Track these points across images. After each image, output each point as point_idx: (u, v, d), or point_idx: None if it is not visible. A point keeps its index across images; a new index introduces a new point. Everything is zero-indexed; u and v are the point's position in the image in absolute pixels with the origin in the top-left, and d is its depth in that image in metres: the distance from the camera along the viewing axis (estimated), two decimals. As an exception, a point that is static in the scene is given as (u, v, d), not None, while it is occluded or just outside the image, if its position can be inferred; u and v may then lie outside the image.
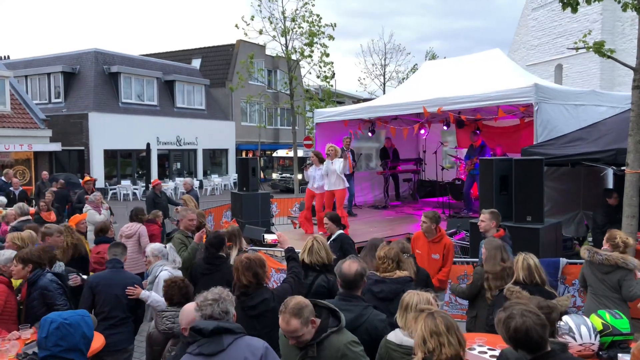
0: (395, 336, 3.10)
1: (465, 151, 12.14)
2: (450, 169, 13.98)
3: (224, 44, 33.41)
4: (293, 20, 18.92)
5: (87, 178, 12.56)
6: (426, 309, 2.62)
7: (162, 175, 27.00)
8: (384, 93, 32.10)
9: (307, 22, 18.80)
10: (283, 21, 19.05)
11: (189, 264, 5.63)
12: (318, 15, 18.82)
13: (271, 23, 18.99)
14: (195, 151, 29.48)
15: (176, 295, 3.73)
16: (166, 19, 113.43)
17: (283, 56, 19.61)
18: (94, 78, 25.29)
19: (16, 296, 4.49)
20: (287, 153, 26.97)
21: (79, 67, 25.88)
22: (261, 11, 18.91)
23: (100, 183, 21.46)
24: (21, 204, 8.08)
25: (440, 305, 3.38)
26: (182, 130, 28.12)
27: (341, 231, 5.94)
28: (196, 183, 22.55)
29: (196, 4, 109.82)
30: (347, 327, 3.07)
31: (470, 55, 12.15)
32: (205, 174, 29.72)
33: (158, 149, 26.74)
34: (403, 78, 33.25)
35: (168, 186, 23.31)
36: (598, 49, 6.00)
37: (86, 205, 9.55)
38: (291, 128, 20.59)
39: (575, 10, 5.95)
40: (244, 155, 31.47)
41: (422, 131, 13.67)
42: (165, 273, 4.79)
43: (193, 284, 4.63)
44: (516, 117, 11.08)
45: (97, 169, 23.46)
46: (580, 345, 3.29)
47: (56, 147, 21.17)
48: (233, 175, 29.15)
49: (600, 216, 7.79)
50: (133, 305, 4.56)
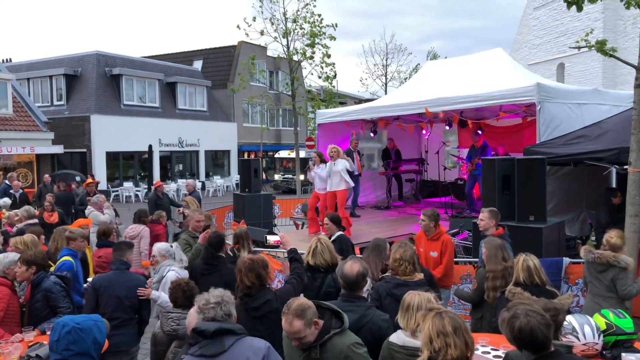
0: (397, 337, 3.08)
1: (467, 151, 12.11)
2: (452, 169, 13.96)
3: (226, 46, 33.45)
4: (294, 21, 18.93)
5: (89, 180, 12.60)
6: (436, 309, 2.61)
7: (165, 177, 27.04)
8: (386, 93, 32.07)
9: (309, 23, 18.80)
10: (284, 22, 19.07)
11: (192, 264, 5.65)
12: (319, 15, 18.83)
13: (272, 24, 19.03)
14: (197, 153, 29.51)
15: (180, 297, 3.74)
16: (167, 21, 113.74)
17: (284, 57, 19.62)
18: (96, 80, 25.35)
19: (19, 298, 4.50)
20: (289, 154, 26.96)
21: (81, 70, 25.94)
22: (262, 12, 18.97)
23: (102, 185, 21.49)
24: (28, 207, 8.07)
25: (441, 304, 3.37)
26: (184, 131, 28.16)
27: (341, 232, 5.92)
28: (198, 184, 22.55)
29: (197, 6, 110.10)
30: (351, 328, 3.06)
31: (472, 55, 12.13)
32: (207, 176, 29.74)
33: (160, 151, 26.78)
34: (405, 78, 33.22)
35: (170, 188, 23.33)
36: (600, 48, 5.97)
37: (89, 207, 9.59)
38: (293, 129, 20.60)
39: (580, 8, 5.88)
40: (246, 156, 31.51)
41: (424, 131, 13.66)
42: (172, 273, 4.80)
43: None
44: (519, 117, 11.05)
45: (100, 171, 23.51)
46: (583, 345, 3.28)
47: (58, 150, 21.20)
48: (235, 176, 29.20)
49: (604, 215, 7.76)
50: (137, 306, 4.53)
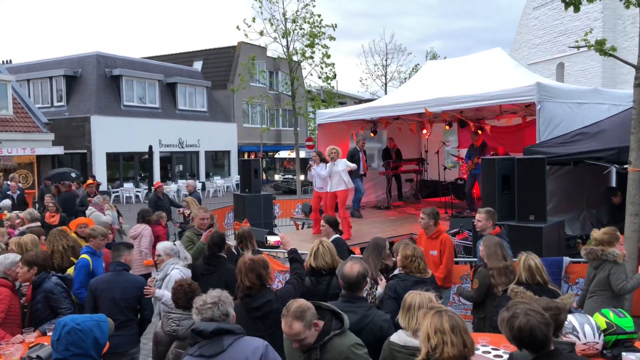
0: (398, 337, 3.08)
1: (466, 151, 12.11)
2: (452, 169, 13.96)
3: (225, 46, 33.47)
4: (294, 21, 18.93)
5: (89, 181, 12.60)
6: (436, 307, 2.61)
7: (165, 177, 27.05)
8: (386, 93, 32.08)
9: (308, 23, 18.80)
10: (284, 22, 19.06)
11: (193, 263, 5.65)
12: (319, 15, 18.83)
13: (272, 24, 19.02)
14: (197, 153, 29.52)
15: (182, 298, 3.73)
16: (167, 22, 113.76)
17: (284, 57, 19.61)
18: (96, 81, 25.36)
19: (20, 299, 4.50)
20: (290, 154, 26.97)
21: (81, 71, 25.95)
22: (262, 13, 18.95)
23: (102, 186, 21.48)
24: (31, 210, 8.03)
25: (441, 304, 3.38)
26: (184, 132, 28.18)
27: (338, 236, 5.84)
28: (198, 185, 22.55)
29: (197, 7, 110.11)
30: (352, 329, 3.06)
31: (471, 54, 12.13)
32: (207, 176, 29.75)
33: (160, 152, 26.80)
34: (405, 78, 33.22)
35: (170, 188, 23.33)
36: (599, 48, 5.96)
37: (90, 207, 9.59)
38: (293, 129, 20.59)
39: (577, 9, 5.90)
40: (246, 156, 31.51)
41: (424, 131, 13.66)
42: (176, 272, 4.80)
43: None
44: (518, 116, 11.05)
45: (100, 172, 23.52)
46: (584, 344, 3.28)
47: (59, 151, 21.20)
48: (235, 177, 29.20)
49: (604, 215, 7.76)
50: (136, 307, 4.50)
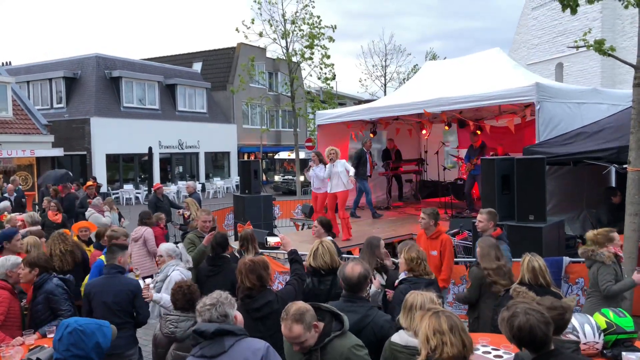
0: (399, 337, 3.08)
1: (465, 151, 12.12)
2: (452, 169, 13.96)
3: (225, 47, 33.49)
4: (293, 22, 18.93)
5: (89, 183, 12.62)
6: (433, 308, 2.62)
7: (165, 179, 27.05)
8: (385, 94, 32.10)
9: (307, 24, 18.81)
10: (283, 24, 19.07)
11: (195, 265, 5.64)
12: (318, 17, 18.84)
13: (271, 26, 19.02)
14: (197, 154, 29.52)
15: (180, 300, 3.73)
16: (166, 24, 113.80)
17: (284, 58, 19.62)
18: (96, 83, 25.37)
19: (20, 301, 4.50)
20: (289, 155, 26.97)
21: (81, 72, 25.96)
22: (261, 14, 18.95)
23: (102, 187, 21.49)
24: (32, 213, 7.99)
25: (442, 304, 3.39)
26: (184, 133, 28.18)
27: (330, 238, 5.73)
28: (198, 186, 22.53)
29: (196, 8, 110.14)
30: (353, 328, 3.07)
31: (470, 55, 12.14)
32: (207, 177, 29.75)
33: (160, 153, 26.79)
34: (404, 79, 33.28)
35: (170, 190, 23.32)
36: (598, 48, 5.97)
37: (89, 209, 9.60)
38: (293, 130, 20.60)
39: (574, 11, 5.92)
40: (246, 157, 31.50)
41: (424, 131, 13.67)
42: (176, 273, 4.80)
43: (199, 288, 4.62)
44: (518, 116, 11.05)
45: (100, 174, 23.50)
46: (584, 344, 3.28)
47: (58, 153, 21.21)
48: (235, 178, 29.20)
49: (604, 215, 7.77)
50: (130, 310, 4.44)
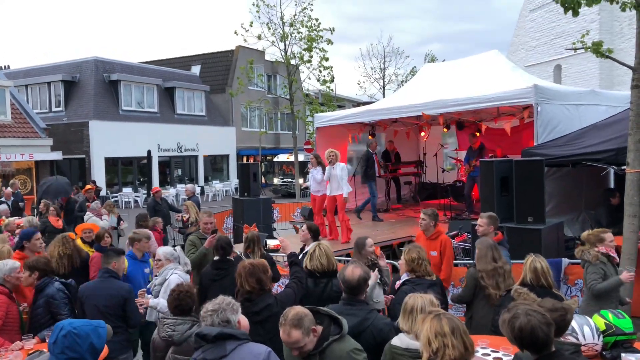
0: (400, 341, 3.08)
1: (464, 153, 12.13)
2: (450, 171, 13.98)
3: (224, 50, 33.50)
4: (292, 25, 18.95)
5: (88, 187, 12.62)
6: (435, 311, 2.63)
7: (164, 182, 27.03)
8: (384, 96, 32.15)
9: (306, 27, 18.83)
10: (282, 26, 19.09)
11: (196, 267, 5.62)
12: (317, 19, 18.85)
13: (270, 29, 19.04)
14: (196, 157, 29.52)
15: (178, 304, 3.72)
16: (165, 27, 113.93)
17: (282, 61, 19.62)
18: (94, 86, 25.37)
19: (19, 305, 4.49)
20: (288, 158, 26.97)
21: (79, 76, 25.96)
22: (260, 17, 18.96)
23: (101, 191, 21.48)
24: (30, 218, 8.00)
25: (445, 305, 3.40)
26: (183, 136, 28.17)
27: (317, 243, 5.80)
28: (197, 189, 22.52)
29: (195, 12, 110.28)
30: (353, 332, 3.07)
31: (469, 57, 12.17)
32: (206, 180, 29.74)
33: (159, 156, 26.78)
34: (402, 81, 33.34)
35: (169, 193, 23.31)
36: (596, 50, 5.98)
37: (87, 212, 9.60)
38: (292, 133, 20.60)
39: (576, 13, 5.84)
40: (245, 160, 31.52)
41: (422, 134, 13.69)
42: (175, 277, 4.78)
43: (204, 293, 4.58)
44: (516, 118, 11.06)
45: (99, 177, 23.48)
46: (583, 345, 3.28)
47: (57, 156, 21.19)
48: (234, 180, 29.18)
49: (604, 216, 7.78)
50: (121, 314, 4.41)
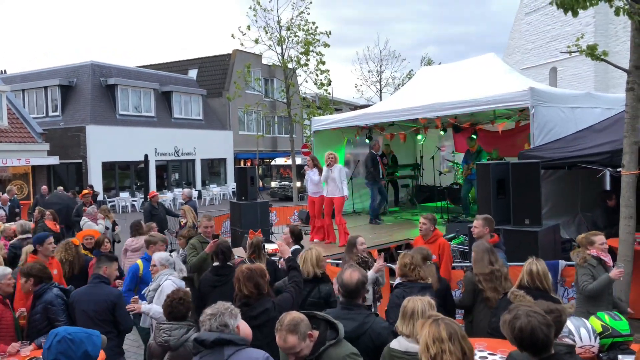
0: (399, 344, 3.09)
1: (462, 156, 12.17)
2: (447, 174, 14.00)
3: (220, 54, 33.56)
4: (288, 29, 18.99)
5: (85, 191, 12.59)
6: (433, 316, 2.64)
7: (161, 186, 26.99)
8: (381, 99, 32.22)
9: (303, 31, 18.88)
10: (279, 30, 19.13)
11: (196, 270, 5.60)
12: (313, 23, 18.91)
13: (267, 32, 19.08)
14: (193, 161, 29.50)
15: (173, 310, 3.72)
16: (162, 31, 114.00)
17: (279, 65, 19.66)
18: (91, 91, 25.35)
19: (13, 312, 4.48)
20: (286, 161, 26.98)
21: (76, 80, 25.94)
22: (257, 21, 19.00)
23: (99, 196, 21.43)
24: (23, 222, 7.96)
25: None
26: (180, 140, 28.16)
27: (297, 247, 5.73)
28: (195, 193, 22.53)
29: (192, 16, 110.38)
30: (351, 336, 3.07)
31: (465, 60, 12.20)
32: (203, 184, 29.71)
33: (156, 160, 26.75)
34: (399, 84, 33.43)
35: (167, 197, 23.29)
36: (591, 53, 6.00)
37: (83, 217, 9.59)
38: (289, 136, 20.61)
39: (576, 13, 5.77)
40: (242, 164, 31.49)
41: (419, 136, 13.72)
42: (168, 283, 4.77)
43: (203, 299, 4.56)
44: (512, 121, 11.11)
45: (96, 182, 23.42)
46: (580, 347, 3.29)
47: (54, 161, 21.16)
48: (232, 184, 29.17)
49: (600, 218, 7.81)
50: (111, 320, 4.41)
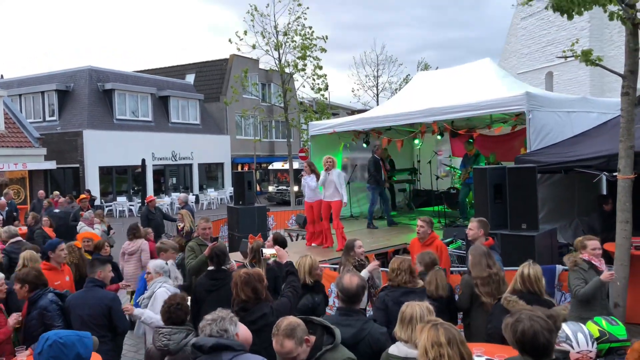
0: (398, 350, 3.09)
1: (460, 160, 12.20)
2: (445, 178, 14.03)
3: (218, 59, 33.57)
4: (285, 34, 19.05)
5: (83, 196, 12.59)
6: (432, 321, 2.64)
7: (158, 190, 26.93)
8: (378, 104, 32.29)
9: (300, 36, 18.94)
10: (275, 35, 19.19)
11: (194, 273, 5.58)
12: (310, 28, 18.98)
13: (264, 37, 19.13)
14: (190, 166, 29.47)
15: (172, 315, 3.72)
16: (159, 36, 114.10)
17: (276, 70, 19.70)
18: (88, 95, 25.33)
19: (6, 315, 4.46)
20: (283, 165, 26.99)
21: (73, 85, 25.91)
22: (254, 26, 19.06)
23: (96, 200, 21.36)
24: (7, 228, 7.78)
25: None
26: (178, 145, 28.14)
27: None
28: (192, 198, 22.50)
29: (189, 20, 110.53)
30: (349, 342, 3.08)
31: (461, 65, 12.25)
32: (201, 189, 29.67)
33: (153, 165, 26.71)
34: (396, 89, 33.52)
35: (164, 202, 23.23)
36: (586, 58, 6.03)
37: (80, 222, 9.58)
38: (286, 140, 20.63)
39: (571, 17, 5.81)
40: (240, 168, 31.49)
41: (416, 141, 13.74)
42: (162, 290, 4.74)
43: (198, 304, 4.55)
44: (509, 125, 11.14)
45: (93, 186, 23.36)
46: (577, 353, 3.29)
47: (51, 165, 21.10)
48: (229, 189, 29.14)
49: (597, 222, 7.84)
50: (106, 324, 4.40)
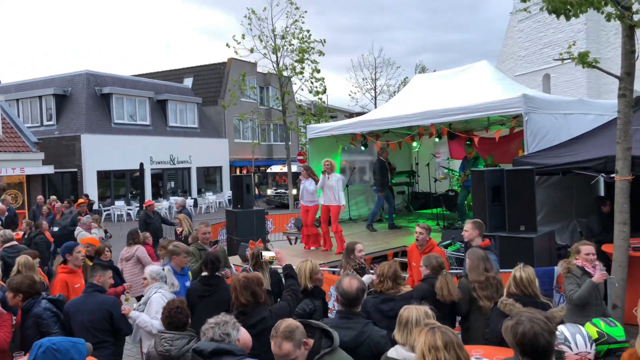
0: (397, 353, 3.08)
1: (459, 162, 12.22)
2: (443, 180, 14.04)
3: (216, 63, 33.61)
4: (283, 37, 19.08)
5: (81, 200, 12.59)
6: (430, 324, 2.65)
7: (157, 194, 26.91)
8: (376, 107, 32.33)
9: (297, 39, 18.97)
10: (273, 39, 19.21)
11: (195, 278, 5.60)
12: (308, 31, 19.01)
13: (261, 41, 19.15)
14: (189, 169, 29.45)
15: (173, 319, 3.71)
16: (157, 39, 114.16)
17: (274, 73, 19.72)
18: (86, 100, 25.32)
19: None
20: (281, 169, 26.99)
21: (71, 89, 25.91)
22: (251, 29, 19.08)
23: (94, 205, 21.33)
24: (1, 232, 7.77)
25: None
26: (176, 149, 28.14)
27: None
28: (190, 201, 22.46)
29: (187, 23, 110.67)
30: (349, 345, 3.07)
31: (458, 68, 12.27)
32: (199, 192, 29.65)
33: (151, 169, 26.70)
34: (394, 92, 33.55)
35: (162, 206, 23.21)
36: (582, 60, 6.06)
37: (78, 227, 9.57)
38: (284, 144, 20.63)
39: (568, 18, 5.82)
40: (238, 172, 31.46)
41: (414, 143, 13.76)
42: (157, 296, 4.73)
43: (191, 309, 4.58)
44: (506, 127, 11.16)
45: (91, 190, 23.33)
46: (576, 354, 3.29)
47: (49, 170, 21.07)
48: (227, 192, 29.15)
49: (595, 224, 7.85)
50: (107, 328, 4.39)
